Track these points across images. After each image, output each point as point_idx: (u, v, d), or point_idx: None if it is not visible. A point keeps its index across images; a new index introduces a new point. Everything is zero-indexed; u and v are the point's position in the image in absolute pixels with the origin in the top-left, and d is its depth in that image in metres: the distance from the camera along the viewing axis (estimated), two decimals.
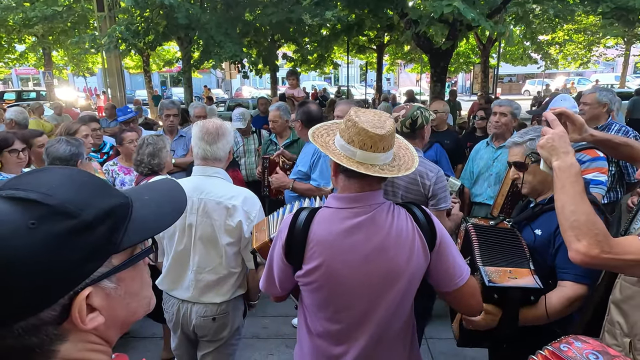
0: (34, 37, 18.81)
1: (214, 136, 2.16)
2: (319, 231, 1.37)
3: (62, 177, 0.64)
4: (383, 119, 1.38)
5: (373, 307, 1.40)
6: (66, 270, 0.58)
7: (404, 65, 28.48)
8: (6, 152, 2.89)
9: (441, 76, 9.61)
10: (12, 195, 0.58)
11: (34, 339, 0.58)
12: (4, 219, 0.56)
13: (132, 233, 0.64)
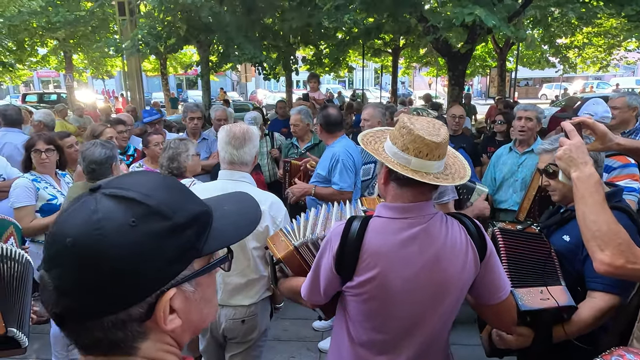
0: (56, 40, 19.25)
1: (240, 140, 2.18)
2: (373, 242, 1.33)
3: (156, 180, 0.67)
4: (437, 126, 1.36)
5: (423, 319, 1.39)
6: (158, 269, 0.61)
7: (419, 68, 28.35)
8: (31, 152, 2.97)
9: (459, 79, 9.55)
10: (115, 193, 0.61)
11: (120, 333, 0.60)
12: (109, 216, 0.59)
13: (213, 240, 0.67)
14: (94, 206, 0.60)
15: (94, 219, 0.58)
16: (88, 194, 0.63)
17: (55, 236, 0.60)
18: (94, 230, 0.57)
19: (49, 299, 0.59)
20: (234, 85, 37.36)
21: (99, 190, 0.62)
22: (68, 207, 0.63)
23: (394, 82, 21.82)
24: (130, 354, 0.63)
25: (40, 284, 0.61)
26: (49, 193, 2.98)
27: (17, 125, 4.46)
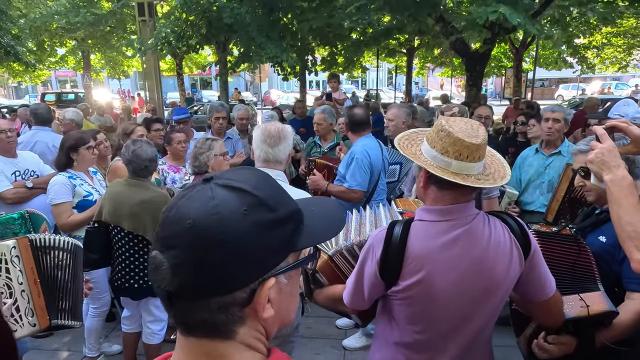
0: (75, 41, 19.60)
1: (275, 139, 2.22)
2: (417, 246, 1.34)
3: (259, 175, 0.71)
4: (475, 127, 1.36)
5: (468, 319, 1.40)
6: (262, 257, 0.65)
7: (432, 69, 28.21)
8: (83, 149, 3.05)
9: (477, 80, 9.51)
10: (228, 184, 0.66)
11: (223, 316, 0.64)
12: (225, 203, 0.63)
13: (305, 237, 0.71)
14: (211, 193, 0.64)
15: (212, 204, 0.63)
16: (202, 184, 0.67)
17: (174, 218, 0.64)
18: (213, 214, 0.62)
19: (163, 277, 0.63)
20: (247, 86, 37.57)
21: (211, 181, 0.67)
22: (182, 195, 0.67)
23: (408, 82, 21.76)
24: (229, 338, 0.66)
25: (152, 264, 0.65)
26: (85, 190, 3.05)
27: (47, 123, 4.57)
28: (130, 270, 2.79)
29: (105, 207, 2.78)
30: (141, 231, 2.70)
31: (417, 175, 1.47)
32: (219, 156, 3.20)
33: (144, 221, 2.68)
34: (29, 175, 3.45)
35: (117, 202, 2.75)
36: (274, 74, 18.14)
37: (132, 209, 2.68)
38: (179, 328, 0.68)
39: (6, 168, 3.31)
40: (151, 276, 0.66)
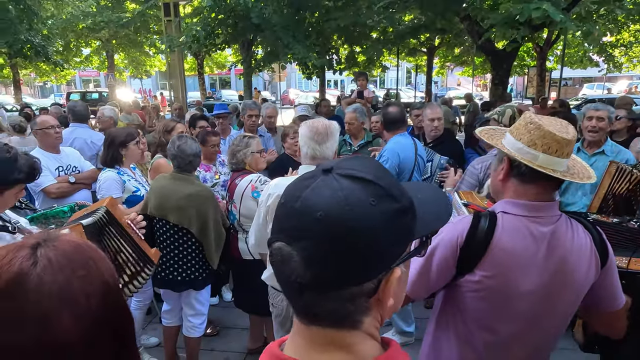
0: (99, 41, 20.03)
1: (323, 136, 2.20)
2: (504, 239, 1.31)
3: (375, 165, 0.70)
4: (564, 124, 1.34)
5: (539, 323, 1.37)
6: (391, 248, 0.65)
7: (452, 68, 27.92)
8: (132, 144, 3.11)
9: (503, 79, 9.37)
10: (351, 174, 0.64)
11: (351, 306, 0.64)
12: (353, 194, 0.62)
13: (420, 226, 0.70)
14: (337, 184, 0.63)
15: (341, 195, 0.62)
16: (322, 174, 0.66)
17: (302, 210, 0.63)
18: (344, 206, 0.61)
19: (293, 269, 0.63)
20: (266, 85, 37.79)
21: (333, 171, 0.65)
22: (303, 185, 0.66)
23: (429, 81, 21.60)
24: (355, 327, 0.66)
25: (277, 256, 0.65)
26: (133, 185, 3.11)
27: (84, 121, 4.65)
28: (174, 262, 2.83)
29: (151, 201, 2.83)
30: (186, 224, 2.74)
31: (495, 168, 1.44)
32: (255, 153, 3.23)
33: (189, 214, 2.73)
34: (71, 171, 3.53)
35: (163, 195, 2.80)
36: (292, 73, 18.02)
37: (178, 202, 2.73)
38: (300, 317, 0.68)
39: (50, 163, 3.38)
40: (277, 268, 0.66)
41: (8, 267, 0.68)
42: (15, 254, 0.70)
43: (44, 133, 3.43)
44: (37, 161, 1.76)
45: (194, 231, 2.75)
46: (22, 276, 0.68)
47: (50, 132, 3.43)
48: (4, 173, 1.60)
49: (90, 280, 0.73)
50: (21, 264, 0.69)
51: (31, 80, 31.65)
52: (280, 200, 0.69)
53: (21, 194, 1.74)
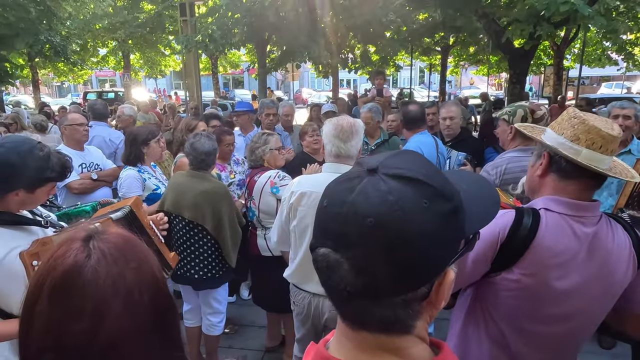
0: (115, 41, 20.29)
1: (348, 134, 2.18)
2: (548, 237, 1.27)
3: (422, 161, 0.66)
4: (609, 122, 1.31)
5: (577, 324, 1.34)
6: (446, 250, 0.62)
7: (467, 67, 27.63)
8: (154, 142, 3.14)
9: (520, 77, 9.22)
10: (399, 174, 0.61)
11: (403, 311, 0.62)
12: (404, 197, 0.59)
13: (468, 222, 0.67)
14: (385, 187, 0.60)
15: (391, 200, 0.58)
16: (368, 174, 0.62)
17: (350, 215, 0.59)
18: (395, 211, 0.58)
19: (342, 278, 0.60)
20: (278, 85, 37.88)
21: (379, 171, 0.62)
22: (347, 188, 0.62)
23: (442, 81, 21.39)
24: (407, 332, 0.64)
25: (323, 263, 0.62)
26: (153, 183, 3.13)
27: (104, 119, 4.72)
28: (190, 260, 2.84)
29: (168, 198, 2.85)
30: (200, 220, 2.75)
31: (533, 163, 1.41)
32: (274, 150, 3.23)
33: (204, 211, 2.74)
34: (93, 168, 3.58)
35: (179, 192, 2.82)
36: (305, 72, 18.01)
37: (193, 199, 2.74)
38: (347, 322, 0.66)
39: (74, 160, 3.41)
40: (323, 274, 0.63)
41: (63, 260, 0.68)
42: (68, 246, 0.70)
43: (73, 129, 3.51)
44: (68, 160, 1.78)
45: (209, 228, 2.75)
46: (77, 268, 0.68)
47: (79, 129, 3.51)
48: (37, 171, 1.61)
49: (141, 272, 0.73)
50: (76, 256, 0.69)
51: (49, 80, 32.21)
52: (323, 203, 0.65)
53: (52, 191, 1.75)
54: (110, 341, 0.68)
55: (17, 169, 1.57)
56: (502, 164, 2.44)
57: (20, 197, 1.62)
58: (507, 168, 2.42)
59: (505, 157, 2.49)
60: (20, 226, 1.67)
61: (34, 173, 1.61)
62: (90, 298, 0.67)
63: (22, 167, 1.58)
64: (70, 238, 0.72)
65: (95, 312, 0.67)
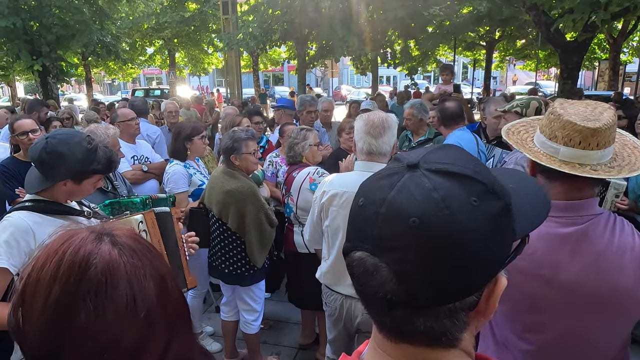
0: (162, 40, 21.09)
1: (379, 129, 2.09)
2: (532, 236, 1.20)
3: (463, 155, 0.60)
4: (599, 110, 1.18)
5: (574, 333, 1.23)
6: (498, 253, 0.56)
7: (514, 62, 26.57)
8: (197, 138, 3.21)
9: (572, 72, 8.72)
10: (445, 169, 0.55)
11: (448, 322, 0.56)
12: (451, 194, 0.53)
13: (521, 222, 0.60)
14: (429, 184, 0.54)
15: (437, 197, 0.53)
16: (408, 170, 0.56)
17: (390, 215, 0.54)
18: (442, 210, 0.52)
19: (381, 284, 0.54)
20: (318, 81, 38.01)
21: (420, 167, 0.56)
22: (386, 185, 0.57)
23: (487, 77, 20.67)
24: (452, 346, 0.58)
25: (360, 268, 0.57)
26: (199, 179, 3.21)
27: (143, 115, 4.91)
28: (221, 254, 2.88)
29: (206, 192, 2.92)
30: (224, 218, 2.77)
31: (525, 166, 1.34)
32: (313, 146, 3.21)
33: (228, 210, 2.74)
34: (144, 161, 3.76)
35: (210, 188, 2.87)
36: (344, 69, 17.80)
37: (219, 196, 2.77)
38: (385, 333, 0.60)
39: (127, 152, 3.62)
40: (361, 281, 0.57)
41: (91, 258, 0.66)
42: (86, 245, 0.68)
43: (126, 125, 3.69)
44: (115, 153, 1.84)
45: (232, 227, 2.76)
46: (116, 265, 0.67)
47: (131, 124, 3.70)
48: (84, 163, 1.68)
49: (163, 261, 0.72)
50: (110, 253, 0.67)
51: (101, 78, 33.95)
52: (357, 202, 0.59)
53: (99, 183, 1.82)
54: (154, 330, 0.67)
55: (66, 159, 1.64)
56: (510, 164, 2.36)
57: (68, 187, 1.69)
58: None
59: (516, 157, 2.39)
60: (65, 216, 1.75)
61: (81, 164, 1.67)
62: (138, 292, 0.66)
63: (71, 157, 1.65)
64: (73, 236, 0.70)
65: (142, 303, 0.67)
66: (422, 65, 19.31)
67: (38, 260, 0.68)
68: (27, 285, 0.67)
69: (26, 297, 0.66)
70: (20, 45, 11.23)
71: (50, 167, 1.65)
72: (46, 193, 1.70)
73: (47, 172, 1.66)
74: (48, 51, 11.61)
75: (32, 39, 11.49)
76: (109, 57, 14.12)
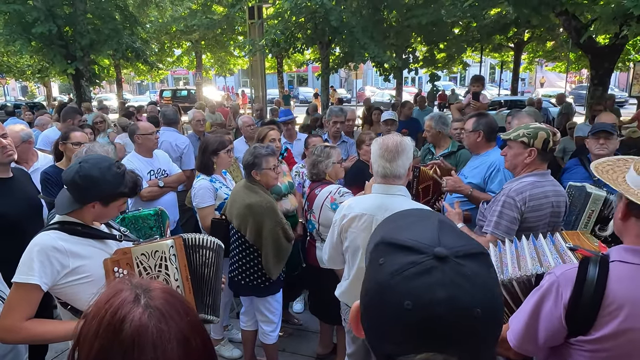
0: (190, 42, 21.53)
1: (393, 153, 2.14)
2: (621, 291, 1.17)
3: (457, 228, 0.70)
4: None
5: None
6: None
7: (544, 64, 25.81)
8: (223, 152, 3.31)
9: (603, 78, 8.45)
10: (467, 251, 0.62)
11: None
12: (482, 274, 0.61)
13: None
14: (469, 271, 0.59)
15: (480, 282, 0.59)
16: (441, 263, 0.59)
17: (454, 313, 0.56)
18: (487, 292, 0.59)
19: None
20: (342, 82, 37.99)
21: (452, 258, 0.59)
22: (424, 283, 0.58)
23: (515, 79, 20.18)
24: None
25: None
26: (224, 192, 3.30)
27: (173, 125, 5.04)
28: (239, 265, 2.97)
29: (227, 204, 3.02)
30: (243, 231, 2.87)
31: (616, 205, 1.31)
32: (336, 164, 3.25)
33: (247, 223, 2.84)
34: (160, 174, 3.80)
35: (232, 201, 2.97)
36: (368, 70, 17.68)
37: (239, 209, 2.87)
38: None
39: (143, 168, 3.69)
40: None
41: (123, 323, 0.74)
42: (120, 305, 0.76)
43: (146, 138, 3.75)
44: (140, 178, 1.94)
45: (250, 240, 2.85)
46: (144, 329, 0.74)
47: (151, 138, 3.76)
48: (113, 186, 1.78)
49: (193, 321, 0.79)
50: (140, 319, 0.75)
51: (130, 79, 34.88)
52: (405, 305, 0.58)
53: (123, 206, 1.92)
54: None
55: (98, 182, 1.74)
56: (525, 190, 2.25)
57: (96, 209, 1.80)
58: (531, 194, 2.24)
59: (525, 182, 2.29)
60: (96, 238, 1.85)
61: (110, 188, 1.78)
62: (161, 355, 0.74)
63: (102, 181, 1.75)
64: (117, 294, 0.78)
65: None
66: (447, 67, 19.01)
67: (91, 310, 0.78)
68: (82, 331, 0.77)
69: (80, 342, 0.76)
70: (55, 50, 11.71)
71: (82, 190, 1.74)
72: (74, 214, 1.80)
73: (79, 194, 1.76)
74: (82, 56, 12.06)
75: (67, 44, 11.96)
76: (138, 61, 14.54)
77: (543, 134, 2.28)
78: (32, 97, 33.29)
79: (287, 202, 3.62)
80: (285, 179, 3.70)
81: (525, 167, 2.34)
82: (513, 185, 2.32)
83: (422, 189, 3.90)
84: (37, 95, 34.48)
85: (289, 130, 5.02)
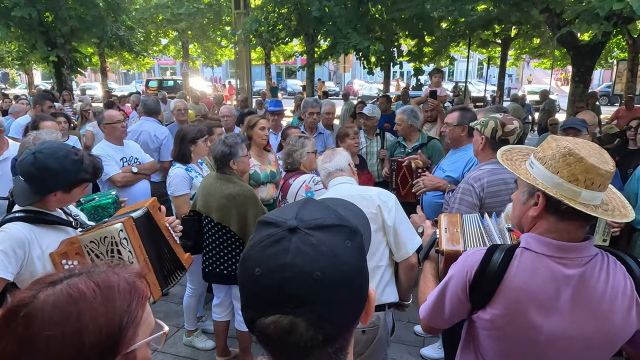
0: (176, 31, 21.23)
1: (329, 156, 2.41)
2: (517, 280, 1.22)
3: (324, 204, 0.73)
4: (598, 150, 1.21)
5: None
6: (366, 273, 0.71)
7: (529, 61, 26.10)
8: (201, 141, 3.28)
9: (584, 76, 8.57)
10: (320, 224, 0.67)
11: (346, 342, 0.69)
12: (332, 243, 0.66)
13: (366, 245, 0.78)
14: (315, 240, 0.64)
15: (325, 250, 0.64)
16: (290, 233, 0.64)
17: (296, 277, 0.61)
18: (332, 257, 0.63)
19: (299, 337, 0.62)
20: (331, 76, 37.86)
21: (300, 228, 0.65)
22: (279, 251, 0.64)
23: (501, 75, 20.34)
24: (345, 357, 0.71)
25: (279, 329, 0.62)
26: (199, 182, 3.27)
27: (154, 115, 4.93)
28: (219, 257, 2.96)
29: (199, 198, 2.97)
30: (227, 223, 2.84)
31: (524, 201, 1.30)
32: (311, 153, 3.25)
33: (230, 213, 2.81)
34: (133, 162, 3.78)
35: (207, 194, 2.92)
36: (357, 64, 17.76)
37: (219, 201, 2.83)
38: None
39: (116, 155, 3.68)
40: (277, 342, 0.63)
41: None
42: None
43: (112, 127, 3.70)
44: (100, 161, 1.91)
45: (235, 230, 2.84)
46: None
47: (117, 127, 3.70)
48: (73, 173, 1.75)
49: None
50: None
51: (116, 68, 34.31)
52: (254, 272, 0.63)
53: (85, 191, 1.90)
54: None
55: (56, 172, 1.72)
56: (483, 177, 2.33)
57: (58, 197, 1.78)
58: (489, 181, 2.31)
59: (484, 169, 2.37)
60: (56, 225, 1.83)
61: (70, 175, 1.75)
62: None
63: (61, 171, 1.73)
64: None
65: None
66: (435, 61, 19.08)
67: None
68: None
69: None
70: (36, 36, 11.43)
71: (40, 180, 1.72)
72: (37, 203, 1.78)
73: (37, 185, 1.73)
74: (63, 43, 11.80)
75: (48, 30, 11.69)
76: (123, 50, 14.30)
77: (492, 123, 2.34)
78: (13, 84, 32.52)
79: (265, 190, 3.62)
80: (268, 168, 3.70)
81: (481, 154, 2.43)
82: (472, 173, 2.40)
83: (400, 180, 3.97)
84: (19, 83, 33.69)
85: (275, 121, 5.01)
